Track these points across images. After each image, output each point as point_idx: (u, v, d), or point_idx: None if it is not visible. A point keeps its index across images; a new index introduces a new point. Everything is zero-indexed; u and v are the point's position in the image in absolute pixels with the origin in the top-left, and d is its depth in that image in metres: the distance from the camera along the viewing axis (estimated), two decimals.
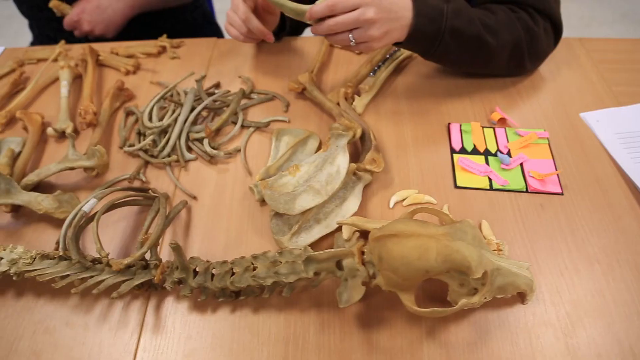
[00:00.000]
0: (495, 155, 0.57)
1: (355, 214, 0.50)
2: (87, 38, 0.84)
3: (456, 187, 0.54)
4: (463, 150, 0.57)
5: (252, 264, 0.45)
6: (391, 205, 0.53)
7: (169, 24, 0.91)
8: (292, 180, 0.51)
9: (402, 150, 0.58)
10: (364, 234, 0.48)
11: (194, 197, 0.55)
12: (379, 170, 0.52)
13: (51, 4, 0.80)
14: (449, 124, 0.60)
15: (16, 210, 0.57)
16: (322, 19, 0.54)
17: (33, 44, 0.97)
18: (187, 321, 0.46)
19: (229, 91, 0.63)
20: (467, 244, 0.41)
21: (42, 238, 0.54)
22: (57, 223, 0.55)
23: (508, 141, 0.58)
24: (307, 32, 0.75)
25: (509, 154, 0.57)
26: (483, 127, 0.60)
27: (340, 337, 0.44)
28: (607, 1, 1.92)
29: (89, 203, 0.49)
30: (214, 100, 0.61)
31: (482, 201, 0.53)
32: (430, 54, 0.59)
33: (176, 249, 0.42)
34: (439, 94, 0.65)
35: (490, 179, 0.54)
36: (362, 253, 0.43)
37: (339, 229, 0.49)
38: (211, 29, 0.99)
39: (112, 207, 0.50)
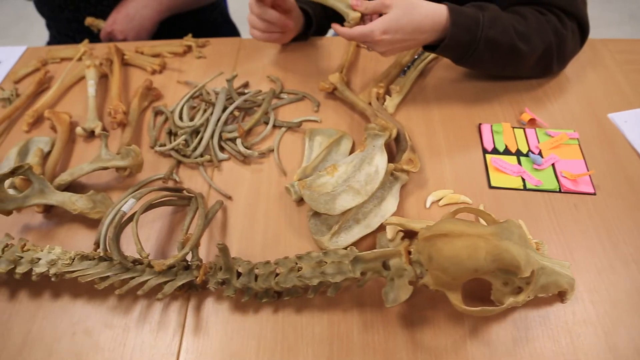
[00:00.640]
0: (526, 155, 0.57)
1: (394, 214, 0.51)
2: (110, 38, 0.83)
3: (490, 187, 0.55)
4: (495, 151, 0.58)
5: (297, 264, 0.45)
6: (427, 205, 0.53)
7: (188, 23, 0.91)
8: (331, 180, 0.51)
9: (435, 151, 0.58)
10: (407, 234, 0.49)
11: (229, 197, 0.54)
12: (415, 171, 0.52)
13: (87, 22, 0.82)
14: (480, 124, 0.61)
15: (48, 210, 0.56)
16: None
17: (50, 43, 0.96)
18: (228, 322, 0.46)
19: (260, 91, 0.63)
20: (514, 244, 0.41)
21: (76, 238, 0.54)
22: (90, 223, 0.55)
23: (539, 142, 0.58)
24: (332, 31, 0.75)
25: (540, 154, 0.57)
26: (513, 128, 0.60)
27: (384, 336, 0.45)
28: (614, 2, 1.94)
29: (127, 203, 0.48)
30: (245, 100, 0.61)
31: (516, 201, 0.54)
32: (462, 61, 0.60)
33: (223, 249, 0.42)
34: (467, 94, 0.65)
35: (523, 179, 0.55)
36: (409, 253, 0.43)
37: (379, 229, 0.50)
38: (229, 29, 0.99)
39: (149, 207, 0.50)
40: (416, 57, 0.66)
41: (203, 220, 0.48)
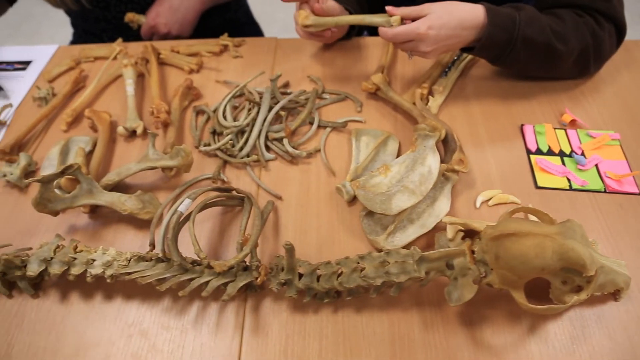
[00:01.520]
0: (570, 156, 0.58)
1: (447, 214, 0.51)
2: (152, 32, 0.82)
3: (537, 187, 0.55)
4: (539, 151, 0.58)
5: (358, 263, 0.45)
6: (477, 205, 0.53)
7: (214, 22, 0.90)
8: (385, 180, 0.51)
9: (480, 151, 0.59)
10: (467, 234, 0.49)
11: (280, 197, 0.54)
12: (466, 171, 0.53)
13: (127, 18, 0.81)
14: (522, 125, 0.61)
15: (93, 210, 0.55)
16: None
17: (73, 42, 0.95)
18: (288, 322, 0.46)
19: (305, 91, 0.63)
20: (578, 243, 0.42)
21: (125, 239, 0.53)
22: (137, 224, 0.54)
23: (580, 142, 0.59)
24: (371, 30, 0.75)
25: (582, 155, 0.58)
26: (555, 129, 0.61)
27: (445, 335, 0.45)
28: (625, 3, 1.95)
29: (184, 203, 0.48)
30: (289, 100, 0.61)
31: (563, 201, 0.54)
32: (499, 61, 0.60)
33: (290, 250, 0.42)
34: (506, 94, 0.66)
35: (569, 180, 0.55)
36: (472, 252, 0.44)
37: (435, 228, 0.50)
38: (253, 29, 0.99)
39: (203, 207, 0.50)
40: (455, 58, 0.67)
41: (260, 221, 0.48)
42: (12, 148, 0.60)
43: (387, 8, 0.57)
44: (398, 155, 0.57)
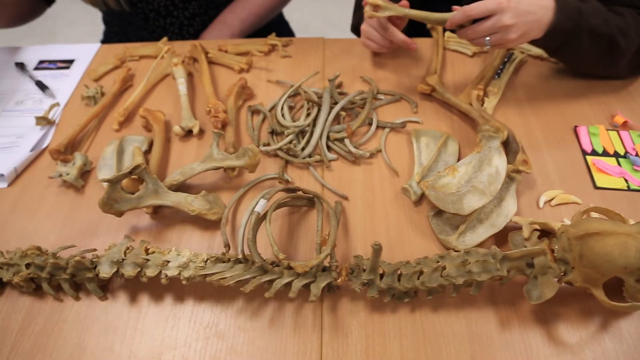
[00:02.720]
0: (625, 157, 0.59)
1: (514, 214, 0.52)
2: (175, 36, 0.81)
3: (596, 187, 0.56)
4: (594, 152, 0.59)
5: (438, 262, 0.45)
6: (541, 205, 0.54)
7: None
8: (454, 181, 0.51)
9: (537, 152, 0.60)
10: (542, 233, 0.49)
11: (346, 198, 0.54)
12: (530, 172, 0.54)
13: None
14: (576, 126, 0.62)
15: (156, 211, 0.55)
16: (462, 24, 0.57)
17: (105, 41, 0.94)
18: (367, 322, 0.46)
19: (363, 91, 0.63)
20: None
21: (191, 240, 0.53)
22: (201, 224, 0.54)
23: (634, 144, 0.60)
24: (414, 32, 0.75)
25: (637, 155, 0.59)
26: (607, 130, 0.62)
27: (521, 333, 0.45)
28: None
29: (259, 204, 0.48)
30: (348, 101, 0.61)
31: (622, 201, 0.55)
32: (561, 53, 0.60)
33: (378, 250, 0.42)
34: (557, 96, 0.67)
35: (626, 180, 0.57)
36: (552, 251, 0.44)
37: (505, 228, 0.50)
38: (285, 27, 0.99)
39: (276, 207, 0.49)
40: (506, 59, 0.68)
41: (335, 221, 0.48)
42: (66, 148, 0.59)
43: (454, 8, 0.57)
44: (459, 156, 0.58)
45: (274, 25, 0.96)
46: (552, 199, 0.55)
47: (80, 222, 0.55)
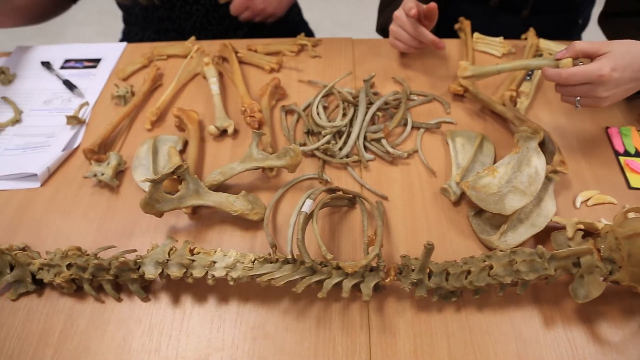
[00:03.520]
0: None
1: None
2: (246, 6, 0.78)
3: (630, 187, 0.57)
4: (627, 153, 0.60)
5: (485, 262, 0.46)
6: (577, 205, 0.55)
7: (270, 22, 0.89)
8: (494, 181, 0.52)
9: (569, 152, 0.60)
10: (585, 233, 0.50)
11: (386, 198, 0.55)
12: (567, 172, 0.54)
13: None
14: (607, 127, 0.63)
15: (195, 211, 0.54)
16: None
17: (124, 39, 0.93)
18: (414, 322, 0.46)
19: (397, 92, 0.63)
20: None
21: (232, 240, 0.53)
22: (242, 224, 0.54)
23: None
24: (446, 33, 0.76)
25: None
26: (638, 131, 0.63)
27: (566, 333, 0.46)
28: None
29: (306, 204, 0.48)
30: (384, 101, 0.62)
31: None
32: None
33: (431, 250, 0.42)
34: None
35: None
36: (598, 250, 0.45)
37: (545, 228, 0.51)
38: (305, 27, 0.99)
39: (321, 207, 0.49)
40: None
41: (381, 222, 0.48)
42: (99, 147, 0.59)
43: (557, 55, 0.53)
44: (495, 157, 0.58)
45: (294, 25, 0.96)
46: (588, 199, 0.55)
47: (116, 222, 0.55)
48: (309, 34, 0.99)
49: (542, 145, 0.58)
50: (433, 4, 0.62)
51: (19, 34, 1.40)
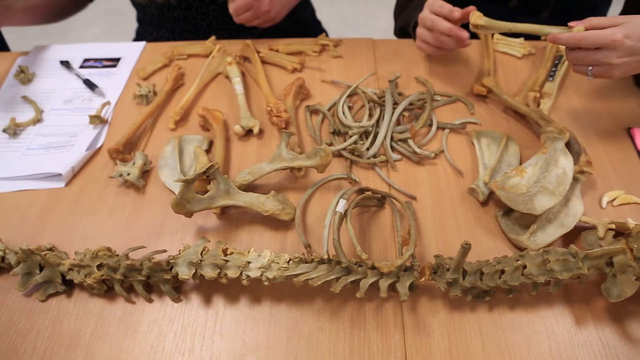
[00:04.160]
0: None
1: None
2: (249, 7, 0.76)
3: None
4: None
5: (518, 261, 0.46)
6: (604, 205, 0.55)
7: (285, 22, 0.89)
8: (522, 181, 0.52)
9: (593, 153, 0.61)
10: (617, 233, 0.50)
11: (414, 198, 0.55)
12: (593, 172, 0.55)
13: None
14: (630, 128, 0.64)
15: (223, 212, 0.54)
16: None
17: (137, 39, 0.92)
18: (447, 321, 0.47)
19: (422, 92, 0.63)
20: None
21: (262, 240, 0.53)
22: (271, 224, 0.54)
23: None
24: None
25: None
26: None
27: (597, 331, 0.46)
28: None
29: (340, 204, 0.48)
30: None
31: None
32: None
33: (468, 249, 0.42)
34: (607, 97, 0.68)
35: None
36: (631, 250, 0.45)
37: (574, 228, 0.51)
38: (319, 28, 0.98)
39: (354, 207, 0.49)
40: (557, 61, 0.69)
41: (414, 222, 0.48)
42: (124, 147, 0.59)
43: (571, 23, 0.54)
44: (521, 157, 0.59)
45: (307, 25, 0.96)
46: (614, 199, 0.56)
47: (143, 222, 0.55)
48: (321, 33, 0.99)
49: (568, 145, 0.58)
50: (471, 7, 0.61)
51: (25, 33, 1.39)
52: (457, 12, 0.60)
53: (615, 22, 0.52)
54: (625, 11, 0.74)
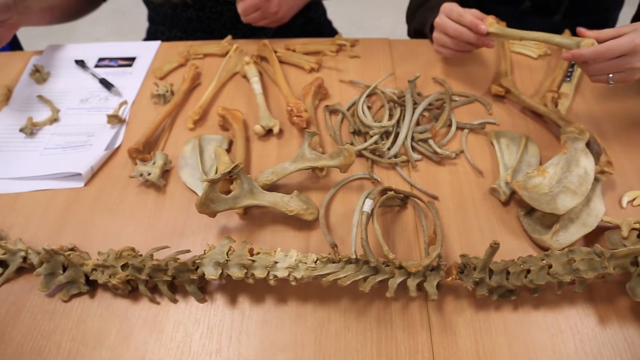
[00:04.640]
0: None
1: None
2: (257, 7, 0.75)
3: None
4: None
5: (543, 261, 0.46)
6: (624, 205, 0.56)
7: (297, 22, 0.89)
8: (544, 181, 0.52)
9: (611, 153, 0.61)
10: None
11: (436, 198, 0.55)
12: (613, 172, 0.55)
13: None
14: None
15: (246, 212, 0.54)
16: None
17: (148, 38, 0.92)
18: (473, 320, 0.47)
19: (441, 92, 0.63)
20: None
21: (285, 240, 0.53)
22: (294, 224, 0.54)
23: None
24: None
25: None
26: None
27: (622, 330, 0.46)
28: None
29: (366, 204, 0.48)
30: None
31: None
32: None
33: (496, 249, 0.43)
34: (624, 96, 0.68)
35: None
36: None
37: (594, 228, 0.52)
38: (330, 27, 0.99)
39: (379, 207, 0.50)
40: (573, 62, 0.69)
41: (439, 221, 0.48)
42: (143, 146, 0.58)
43: (580, 30, 0.54)
44: (540, 157, 0.59)
45: (319, 25, 0.96)
46: (634, 199, 0.56)
47: (165, 222, 0.55)
48: (334, 33, 0.99)
49: (588, 146, 0.58)
50: (492, 16, 0.61)
51: (31, 33, 1.38)
52: (482, 25, 0.60)
53: (622, 31, 0.53)
54: (638, 16, 0.74)
